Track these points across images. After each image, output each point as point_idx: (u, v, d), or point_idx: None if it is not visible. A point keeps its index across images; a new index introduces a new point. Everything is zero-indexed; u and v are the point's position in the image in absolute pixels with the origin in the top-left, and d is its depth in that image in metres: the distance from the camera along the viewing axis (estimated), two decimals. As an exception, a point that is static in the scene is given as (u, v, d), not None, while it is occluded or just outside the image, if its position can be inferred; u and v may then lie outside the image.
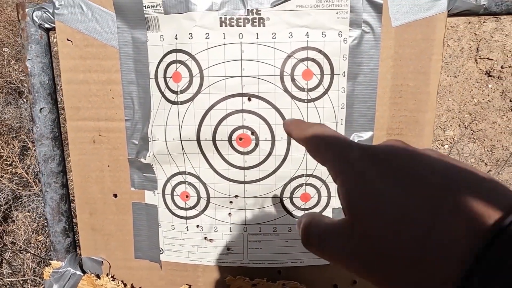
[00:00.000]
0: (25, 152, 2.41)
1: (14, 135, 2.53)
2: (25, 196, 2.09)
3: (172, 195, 0.73)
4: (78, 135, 0.73)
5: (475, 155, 3.37)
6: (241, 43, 0.65)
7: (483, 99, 4.15)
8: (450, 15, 0.65)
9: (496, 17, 4.38)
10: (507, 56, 4.25)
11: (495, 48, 4.35)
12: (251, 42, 0.65)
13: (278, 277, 0.76)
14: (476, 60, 4.42)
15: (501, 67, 4.19)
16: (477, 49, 4.44)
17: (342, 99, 0.68)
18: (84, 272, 0.79)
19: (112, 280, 0.78)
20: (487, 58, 4.35)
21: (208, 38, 0.65)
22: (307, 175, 0.71)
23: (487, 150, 3.67)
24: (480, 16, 0.68)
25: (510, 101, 3.96)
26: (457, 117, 4.10)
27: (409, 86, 0.67)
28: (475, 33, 4.56)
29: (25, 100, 2.84)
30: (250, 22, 0.65)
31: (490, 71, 4.26)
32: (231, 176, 0.71)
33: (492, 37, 4.44)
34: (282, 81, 0.66)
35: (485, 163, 3.51)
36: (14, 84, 2.98)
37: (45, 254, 1.72)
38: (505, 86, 4.09)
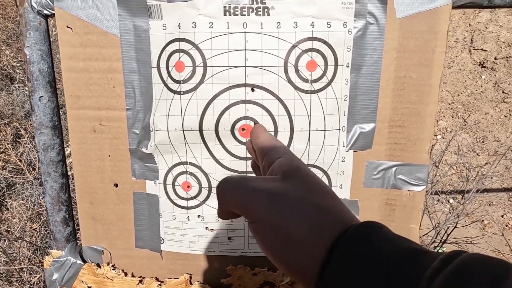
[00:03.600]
0: (17, 140, 2.38)
1: (6, 121, 2.50)
2: (18, 184, 2.07)
3: (173, 185, 0.73)
4: (78, 124, 0.73)
5: (467, 146, 3.41)
6: (245, 32, 0.64)
7: (476, 90, 4.17)
8: (454, 7, 0.65)
9: (491, 9, 4.38)
10: (501, 47, 4.26)
11: (489, 39, 4.36)
12: (255, 31, 0.64)
13: (279, 267, 0.77)
14: (470, 51, 4.43)
15: (495, 58, 4.22)
16: (471, 40, 4.45)
17: (346, 90, 0.68)
18: (84, 261, 0.79)
19: (113, 269, 0.79)
20: (481, 49, 4.37)
21: (212, 27, 0.64)
22: (308, 165, 0.71)
23: (479, 141, 3.71)
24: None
25: (503, 92, 3.99)
26: (450, 107, 4.13)
27: (412, 78, 0.67)
28: (469, 24, 4.57)
29: (17, 87, 2.80)
30: (255, 11, 0.64)
31: (483, 62, 4.28)
32: (233, 167, 0.71)
33: (486, 28, 4.45)
34: (286, 72, 0.66)
35: (477, 154, 3.55)
36: (6, 70, 2.92)
37: (41, 242, 1.71)
38: (498, 77, 4.12)
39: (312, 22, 0.64)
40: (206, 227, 0.75)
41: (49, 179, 0.75)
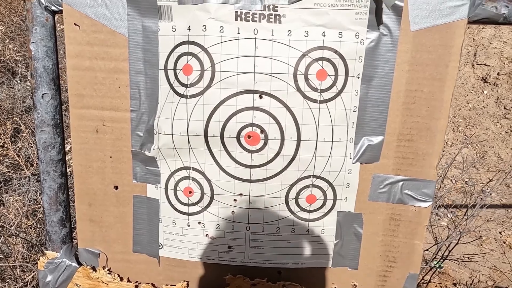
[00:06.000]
0: (17, 134, 2.36)
1: (7, 116, 2.48)
2: (15, 179, 2.05)
3: (175, 190, 0.72)
4: (81, 123, 0.71)
5: (467, 160, 3.40)
6: (255, 38, 0.63)
7: (478, 105, 4.17)
8: (469, 22, 0.64)
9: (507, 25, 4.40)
10: (504, 63, 4.27)
11: (492, 55, 4.37)
12: (266, 38, 0.63)
13: (279, 278, 0.75)
14: (473, 65, 4.43)
15: (498, 74, 4.22)
16: (475, 55, 4.46)
17: (355, 101, 0.67)
18: (79, 264, 0.77)
19: (108, 273, 0.77)
20: (484, 64, 4.37)
21: (222, 32, 0.63)
22: (314, 176, 0.70)
23: (479, 156, 3.70)
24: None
25: (505, 108, 3.99)
26: (451, 121, 4.13)
27: (424, 92, 0.66)
28: (473, 39, 4.58)
29: (18, 81, 2.78)
30: (266, 18, 0.63)
31: (486, 77, 4.29)
32: (237, 174, 0.69)
33: (490, 43, 4.46)
34: (295, 80, 0.64)
35: (477, 169, 3.54)
36: (8, 64, 2.91)
37: (36, 240, 1.69)
38: (500, 93, 4.12)
39: (324, 32, 0.63)
40: (206, 234, 0.73)
41: (47, 178, 0.74)
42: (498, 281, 2.26)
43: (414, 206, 0.72)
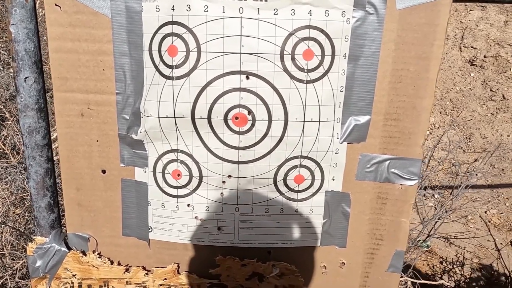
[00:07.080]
0: (1, 123, 2.32)
1: (-10, 104, 2.43)
2: (2, 168, 2.02)
3: (163, 173, 0.72)
4: (65, 107, 0.70)
5: (453, 142, 3.45)
6: (241, 18, 0.63)
7: (464, 87, 4.21)
8: (455, 0, 0.64)
9: (483, 6, 4.40)
10: (491, 45, 4.30)
11: (479, 37, 4.39)
12: (252, 17, 0.63)
13: (268, 258, 0.76)
14: (461, 48, 4.45)
15: (484, 56, 4.25)
16: (462, 37, 4.47)
17: (342, 81, 0.67)
18: (69, 248, 0.77)
19: (98, 257, 0.77)
20: (471, 47, 4.39)
21: (207, 11, 0.62)
22: (301, 156, 0.70)
23: (466, 138, 3.75)
24: (473, 4, 0.67)
25: (491, 90, 4.04)
26: (438, 103, 4.16)
27: (410, 71, 0.67)
28: (461, 21, 4.59)
29: (1, 68, 2.72)
30: (252, -4, 0.62)
31: (473, 60, 4.31)
32: (225, 156, 0.69)
33: (477, 25, 4.47)
34: (282, 60, 0.64)
35: (463, 150, 3.60)
36: (-10, 50, 2.84)
37: (24, 228, 1.68)
38: (487, 76, 4.16)
39: (310, 10, 0.63)
40: (196, 217, 0.74)
41: (33, 164, 0.73)
42: (483, 257, 2.33)
43: (401, 184, 0.73)
